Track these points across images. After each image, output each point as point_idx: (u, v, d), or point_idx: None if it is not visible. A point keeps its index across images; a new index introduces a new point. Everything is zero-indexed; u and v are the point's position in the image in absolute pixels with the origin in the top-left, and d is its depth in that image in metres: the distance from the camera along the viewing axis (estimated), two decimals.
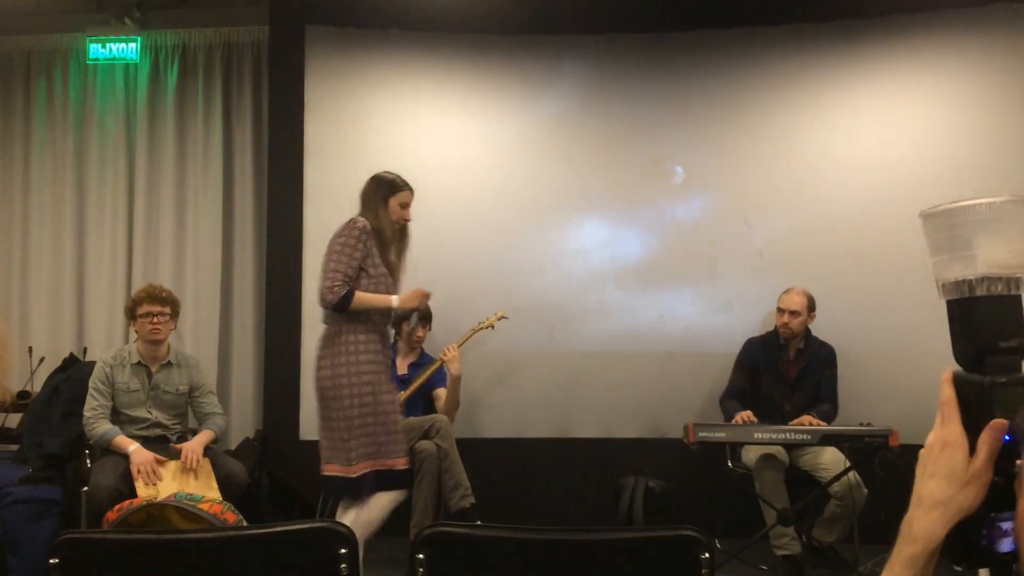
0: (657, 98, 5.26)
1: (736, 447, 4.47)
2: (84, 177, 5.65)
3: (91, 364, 4.43)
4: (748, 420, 4.26)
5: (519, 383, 5.18)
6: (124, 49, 5.45)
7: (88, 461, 4.20)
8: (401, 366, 4.77)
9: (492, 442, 5.05)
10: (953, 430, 0.98)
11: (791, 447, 4.32)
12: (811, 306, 4.56)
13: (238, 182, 5.63)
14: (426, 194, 5.23)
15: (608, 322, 5.20)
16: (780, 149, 5.17)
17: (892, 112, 5.04)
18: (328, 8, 5.30)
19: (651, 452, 4.90)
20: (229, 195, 5.62)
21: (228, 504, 3.70)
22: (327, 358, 3.48)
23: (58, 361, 4.98)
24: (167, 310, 4.24)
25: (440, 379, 4.67)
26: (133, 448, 3.96)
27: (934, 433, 1.00)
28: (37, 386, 4.92)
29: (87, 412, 4.11)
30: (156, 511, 3.57)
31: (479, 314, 4.82)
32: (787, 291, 4.59)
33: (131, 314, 4.27)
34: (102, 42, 5.44)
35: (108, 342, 5.41)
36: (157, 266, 5.54)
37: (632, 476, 4.59)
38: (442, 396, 4.62)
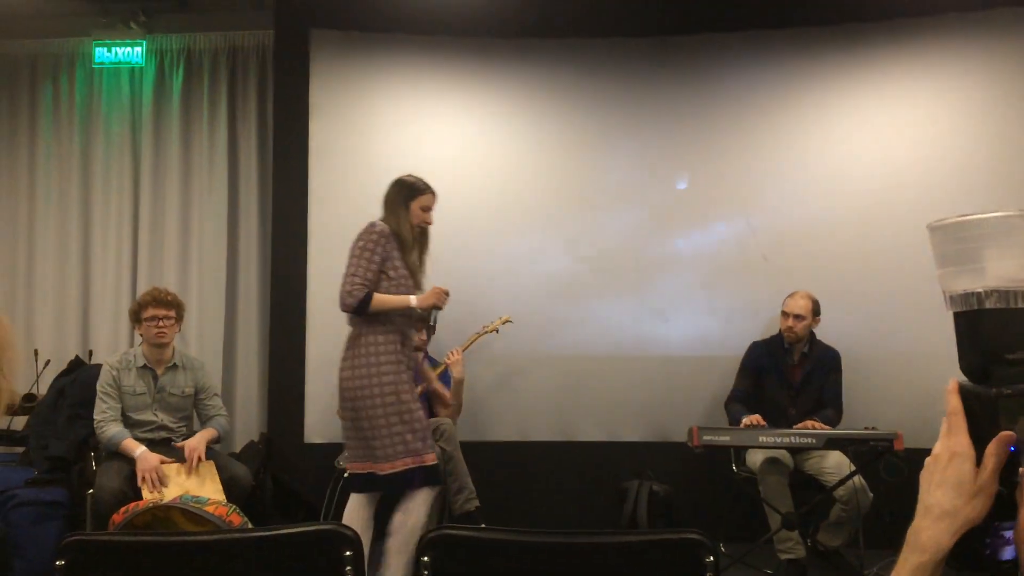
0: (660, 102, 5.26)
1: (740, 451, 4.47)
2: (89, 180, 5.67)
3: (96, 367, 4.44)
4: (757, 424, 4.25)
5: (523, 386, 5.18)
6: (129, 53, 5.47)
7: (93, 464, 4.21)
8: None
9: (496, 445, 5.05)
10: (961, 441, 0.99)
11: (796, 451, 4.31)
12: (816, 310, 4.55)
13: (243, 185, 5.64)
14: None
15: (612, 326, 5.20)
16: (784, 153, 5.17)
17: (896, 116, 5.04)
18: (332, 12, 5.32)
19: (655, 455, 4.89)
20: (234, 198, 5.63)
21: (233, 506, 3.71)
22: (349, 359, 3.54)
23: (64, 364, 4.99)
24: (172, 313, 4.25)
25: (444, 381, 4.67)
26: (139, 452, 3.97)
27: (940, 443, 1.00)
28: (43, 389, 4.94)
29: (97, 415, 4.11)
30: (161, 513, 3.58)
31: (483, 318, 4.82)
32: (792, 295, 4.59)
33: (136, 317, 4.27)
34: (107, 46, 5.45)
35: (113, 345, 5.42)
36: (162, 269, 5.55)
37: (636, 479, 4.58)
38: (446, 397, 4.62)
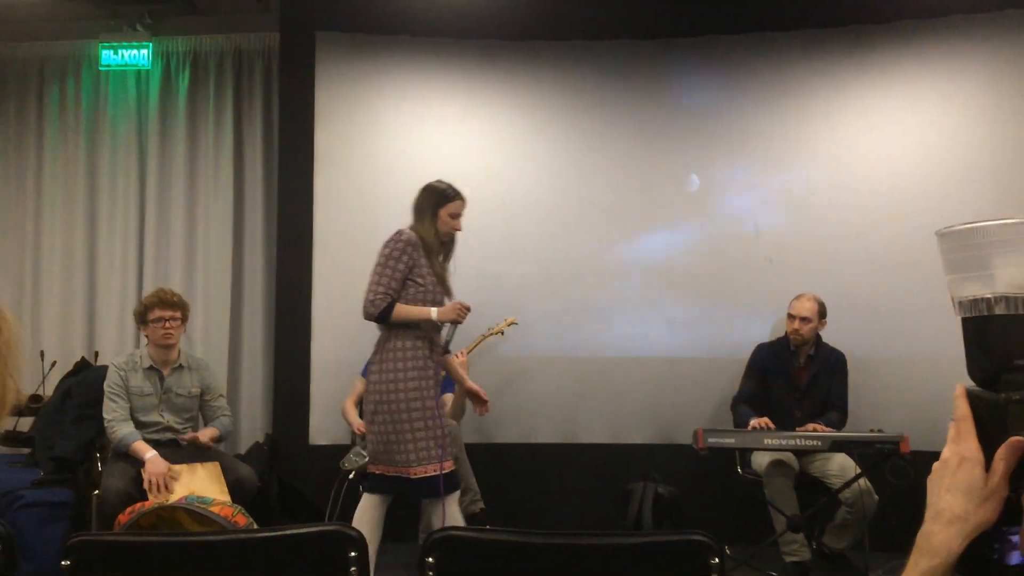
0: (666, 104, 5.26)
1: (745, 453, 4.46)
2: (96, 182, 5.68)
3: (103, 368, 4.45)
4: (765, 426, 4.24)
5: (528, 388, 5.18)
6: (136, 55, 5.48)
7: (99, 464, 4.22)
8: None
9: (501, 447, 5.05)
10: (970, 445, 0.99)
11: (801, 453, 4.30)
12: (822, 312, 4.54)
13: (248, 187, 5.65)
14: None
15: (617, 327, 5.19)
16: (789, 154, 5.16)
17: (902, 118, 5.03)
18: (338, 14, 5.32)
19: (660, 457, 4.89)
20: (239, 200, 5.64)
21: (239, 507, 3.71)
22: (376, 363, 3.57)
23: (70, 365, 5.00)
24: (178, 314, 4.26)
25: (448, 384, 4.66)
26: (149, 456, 3.97)
27: (949, 448, 1.01)
28: (49, 390, 4.95)
29: (108, 415, 4.12)
30: (167, 513, 3.59)
31: (489, 320, 4.82)
32: (798, 297, 4.58)
33: (142, 319, 4.28)
34: (114, 48, 5.46)
35: (119, 346, 5.44)
36: (168, 271, 5.56)
37: (641, 481, 4.58)
38: (448, 401, 4.62)
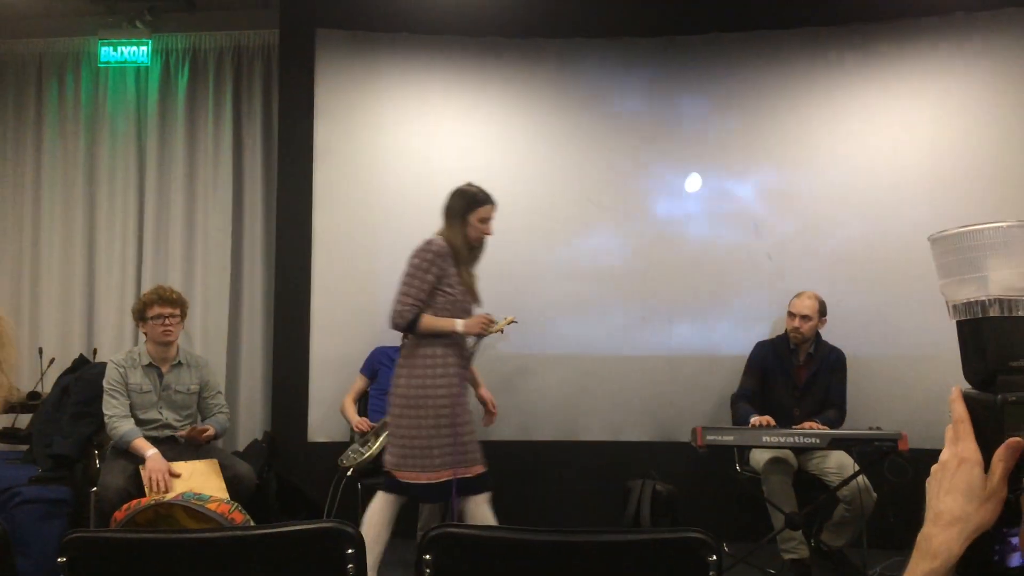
0: (668, 102, 5.26)
1: (744, 451, 4.46)
2: (95, 179, 5.68)
3: (101, 365, 4.44)
4: (767, 425, 4.24)
5: (528, 386, 5.18)
6: (135, 52, 5.47)
7: (97, 462, 4.22)
8: None
9: (500, 444, 5.03)
10: (969, 447, 0.99)
11: (799, 451, 4.30)
12: (822, 311, 4.53)
13: (248, 184, 5.65)
14: (434, 197, 5.22)
15: (617, 325, 5.19)
16: (790, 152, 5.16)
17: (903, 116, 5.02)
18: (338, 12, 5.32)
19: (659, 455, 4.89)
20: (239, 197, 5.63)
21: (236, 504, 3.71)
22: (404, 367, 3.58)
23: (68, 362, 5.00)
24: (177, 312, 4.26)
25: None
26: (150, 454, 3.97)
27: (948, 450, 1.01)
28: (47, 387, 4.95)
29: (108, 412, 4.12)
30: (164, 510, 3.58)
31: None
32: (798, 295, 4.57)
33: (140, 316, 4.28)
34: (113, 45, 5.46)
35: (117, 343, 5.44)
36: (167, 268, 5.56)
37: (640, 479, 4.58)
38: None
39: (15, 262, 5.69)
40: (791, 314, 4.54)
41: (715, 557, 1.53)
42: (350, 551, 1.59)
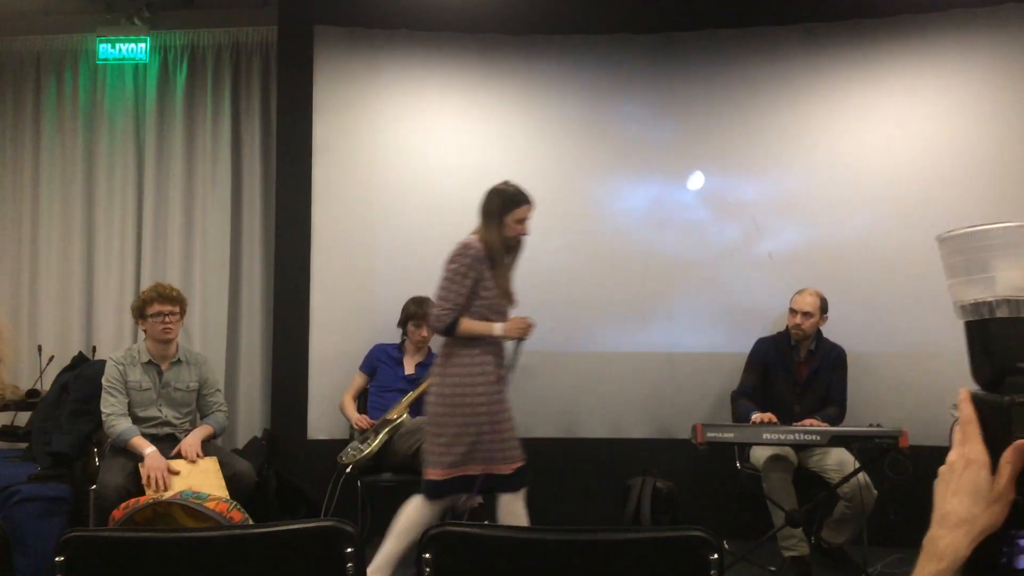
0: (666, 99, 5.24)
1: (744, 448, 4.45)
2: (93, 177, 5.67)
3: (100, 363, 4.44)
4: (768, 422, 4.23)
5: (527, 384, 5.15)
6: (133, 49, 5.46)
7: (96, 459, 4.21)
8: (408, 366, 4.77)
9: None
10: (976, 448, 0.99)
11: (800, 448, 4.30)
12: (824, 307, 4.52)
13: (246, 181, 5.64)
14: (433, 195, 5.25)
15: (617, 322, 5.18)
16: (789, 149, 5.15)
17: (902, 112, 5.01)
18: (336, 9, 5.30)
19: (659, 452, 4.89)
20: (237, 194, 5.62)
21: (234, 503, 3.71)
22: (441, 369, 3.61)
23: (67, 359, 4.99)
24: (177, 309, 4.26)
25: None
26: (149, 451, 3.96)
27: (955, 451, 1.01)
28: (47, 385, 4.94)
29: (106, 410, 4.11)
30: (162, 509, 3.58)
31: None
32: (800, 292, 4.56)
33: (140, 313, 4.27)
34: (111, 42, 5.44)
35: (117, 341, 5.43)
36: (165, 265, 5.55)
37: (640, 476, 4.58)
38: None
39: (14, 259, 5.68)
40: (792, 311, 4.53)
41: (716, 555, 1.52)
42: (349, 550, 1.58)
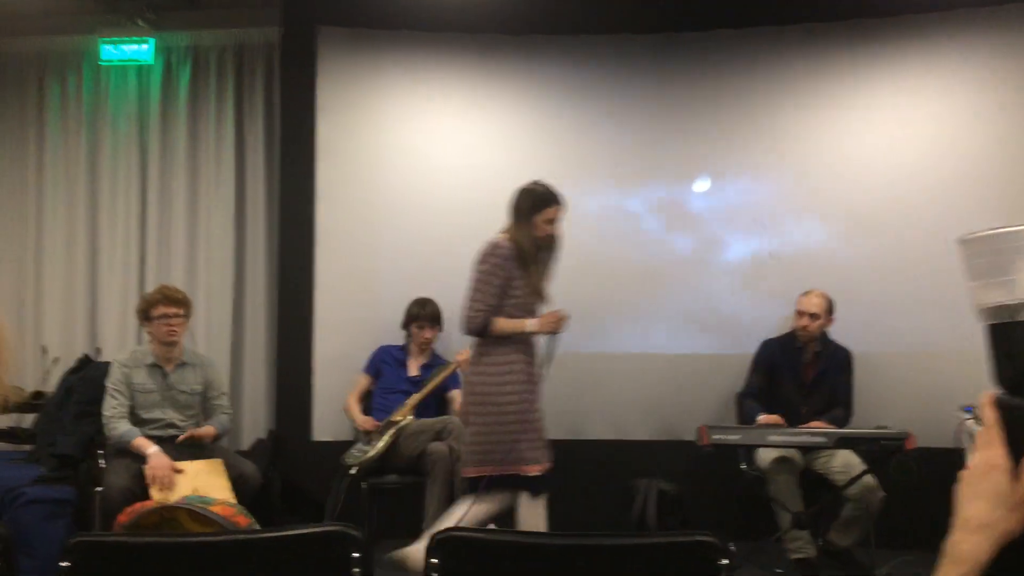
0: (669, 100, 5.22)
1: (750, 450, 4.44)
2: (97, 178, 5.66)
3: (105, 365, 4.43)
4: (775, 423, 4.22)
5: None
6: (137, 51, 5.44)
7: (101, 461, 4.20)
8: (413, 368, 4.76)
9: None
10: (998, 453, 0.98)
11: (806, 450, 4.28)
12: (830, 308, 4.50)
13: (250, 182, 5.63)
14: (437, 195, 5.24)
15: (621, 324, 5.17)
16: (793, 150, 5.13)
17: (906, 112, 4.99)
18: (339, 9, 5.30)
19: (664, 454, 4.87)
20: (241, 195, 5.61)
21: (240, 507, 3.70)
22: (472, 365, 3.67)
23: (72, 361, 4.99)
24: (182, 311, 4.25)
25: (453, 381, 4.66)
26: (152, 451, 3.96)
27: (977, 455, 1.00)
28: (51, 387, 4.94)
29: (107, 412, 4.11)
30: (168, 514, 3.57)
31: None
32: (806, 294, 4.53)
33: (145, 316, 4.27)
34: (115, 44, 5.43)
35: (121, 342, 5.42)
36: (169, 267, 5.55)
37: (645, 478, 4.56)
38: (458, 398, 4.61)
39: (18, 261, 5.67)
40: (799, 312, 4.51)
41: (726, 560, 1.51)
42: (355, 554, 1.57)
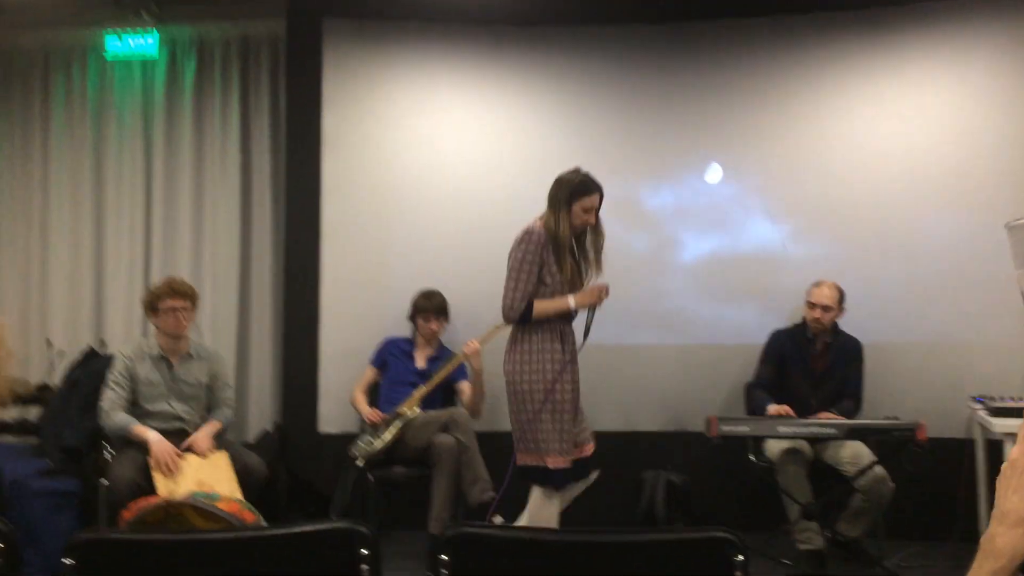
0: (679, 89, 5.18)
1: (759, 441, 4.41)
2: (102, 172, 5.65)
3: (111, 357, 4.42)
4: (786, 414, 4.20)
5: None
6: (141, 44, 5.42)
7: (107, 454, 4.20)
8: (420, 360, 4.75)
9: (511, 436, 5.01)
10: None
11: (815, 441, 4.26)
12: (841, 299, 4.47)
13: (255, 175, 5.61)
14: (444, 187, 5.22)
15: (630, 315, 5.13)
16: (804, 139, 5.09)
17: (919, 101, 4.94)
18: (345, 0, 5.27)
19: (672, 445, 4.86)
20: (247, 188, 5.60)
21: (246, 503, 3.69)
22: (509, 352, 3.70)
23: (77, 354, 4.98)
24: (189, 303, 4.25)
25: (461, 373, 4.64)
26: (152, 436, 3.95)
27: (1018, 448, 0.98)
28: (57, 380, 4.94)
29: (104, 403, 4.10)
30: (173, 510, 3.56)
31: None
32: (817, 285, 4.50)
33: (151, 308, 4.25)
34: (119, 37, 5.41)
35: (126, 335, 5.41)
36: (175, 260, 5.53)
37: (653, 470, 4.55)
38: (466, 390, 4.60)
39: (24, 254, 5.67)
40: (811, 304, 4.47)
41: (742, 556, 1.49)
42: (364, 551, 1.55)
